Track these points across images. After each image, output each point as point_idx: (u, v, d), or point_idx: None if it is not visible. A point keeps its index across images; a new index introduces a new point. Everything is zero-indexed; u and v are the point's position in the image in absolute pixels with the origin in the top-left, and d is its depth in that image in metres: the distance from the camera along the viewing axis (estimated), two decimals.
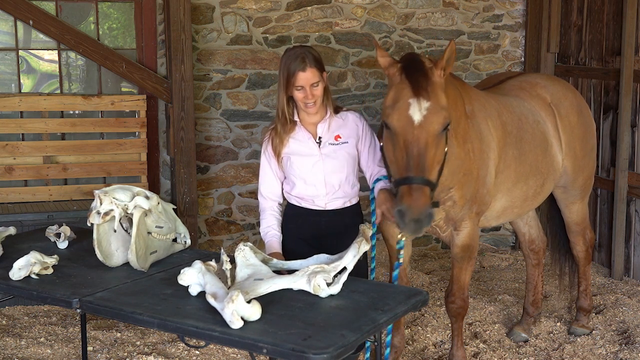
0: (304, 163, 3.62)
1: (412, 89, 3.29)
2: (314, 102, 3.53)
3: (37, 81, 6.15)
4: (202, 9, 6.23)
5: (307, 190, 3.65)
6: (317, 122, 3.64)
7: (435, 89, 3.33)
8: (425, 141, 3.26)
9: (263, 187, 3.71)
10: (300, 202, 3.70)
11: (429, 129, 3.27)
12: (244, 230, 6.58)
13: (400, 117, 3.28)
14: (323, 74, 3.56)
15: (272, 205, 3.69)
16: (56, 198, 5.95)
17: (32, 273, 3.14)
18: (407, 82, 3.31)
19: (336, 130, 3.65)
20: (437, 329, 4.99)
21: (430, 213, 3.23)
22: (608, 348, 4.72)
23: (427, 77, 3.33)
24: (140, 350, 4.63)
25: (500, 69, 7.00)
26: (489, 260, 6.66)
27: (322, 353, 2.39)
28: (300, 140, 3.63)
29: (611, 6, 6.11)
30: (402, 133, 3.28)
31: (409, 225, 3.20)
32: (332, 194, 3.65)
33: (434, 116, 3.28)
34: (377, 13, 6.67)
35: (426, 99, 3.28)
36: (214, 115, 6.39)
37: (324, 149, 3.62)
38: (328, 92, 3.65)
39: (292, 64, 3.51)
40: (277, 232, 3.63)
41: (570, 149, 4.59)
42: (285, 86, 3.54)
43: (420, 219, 3.19)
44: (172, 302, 2.85)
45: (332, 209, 3.68)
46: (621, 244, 6.03)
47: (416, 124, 3.26)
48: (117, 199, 3.22)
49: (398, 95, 3.32)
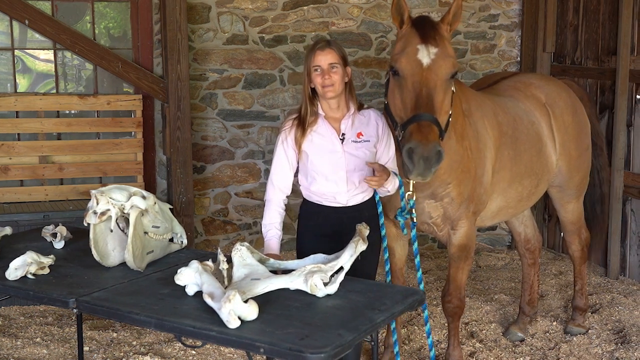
0: (326, 159, 3.59)
1: (421, 37, 3.41)
2: (332, 85, 3.50)
3: (32, 81, 6.15)
4: (198, 8, 6.22)
5: (328, 187, 3.61)
6: (341, 118, 3.62)
7: (443, 39, 3.45)
8: (434, 83, 3.35)
9: (276, 176, 3.65)
10: (321, 201, 3.65)
11: (438, 71, 3.37)
12: (240, 230, 6.57)
13: (409, 60, 3.38)
14: (347, 68, 3.57)
15: (279, 198, 3.64)
16: (52, 198, 5.94)
17: (28, 273, 3.14)
18: (415, 31, 3.44)
19: (359, 128, 3.63)
20: (433, 329, 5.00)
21: (440, 151, 3.23)
22: (604, 347, 4.73)
23: (435, 28, 3.46)
24: (137, 350, 4.62)
25: (497, 68, 7.01)
26: (485, 260, 6.67)
27: (319, 352, 2.39)
28: (323, 135, 3.60)
29: (607, 6, 6.12)
30: (410, 76, 3.37)
31: (419, 165, 3.20)
32: (353, 191, 3.63)
33: (442, 61, 3.38)
34: (374, 13, 6.67)
35: (434, 45, 3.40)
36: (210, 115, 6.39)
37: (346, 146, 3.59)
38: (352, 88, 3.65)
39: (314, 47, 3.57)
40: (279, 230, 3.61)
41: (565, 149, 4.60)
42: (307, 73, 3.55)
43: (430, 157, 3.19)
44: (169, 302, 2.84)
45: (352, 205, 3.65)
46: (617, 244, 6.04)
47: (425, 66, 3.36)
48: (114, 198, 3.22)
49: (407, 43, 3.43)
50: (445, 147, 3.57)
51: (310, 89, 3.57)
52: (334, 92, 3.52)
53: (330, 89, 3.51)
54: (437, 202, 3.84)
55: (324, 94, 3.54)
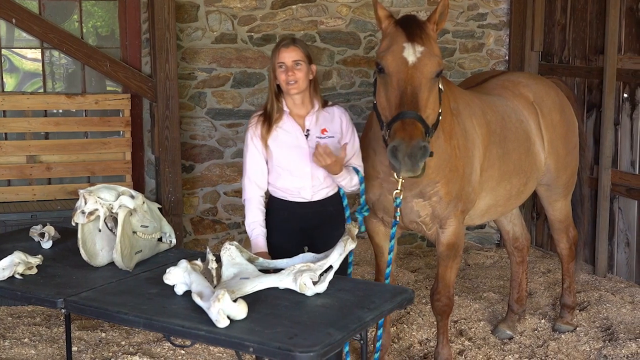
0: (291, 154, 3.62)
1: (407, 35, 3.41)
2: (296, 82, 3.54)
3: (20, 80, 6.11)
4: (186, 7, 6.21)
5: (293, 182, 3.65)
6: (305, 115, 3.66)
7: (429, 38, 3.45)
8: (419, 81, 3.35)
9: (252, 171, 3.67)
10: (286, 196, 3.69)
11: (423, 70, 3.37)
12: (229, 229, 6.56)
13: (394, 58, 3.38)
14: (312, 66, 3.61)
15: (258, 194, 3.67)
16: (40, 198, 5.91)
17: (16, 273, 3.12)
18: (401, 30, 3.44)
19: (323, 124, 3.67)
20: (422, 327, 5.01)
21: (424, 146, 3.22)
22: (592, 344, 4.76)
23: (421, 27, 3.46)
24: (126, 350, 4.61)
25: (485, 67, 7.03)
26: (474, 258, 6.69)
27: (308, 351, 2.39)
28: (288, 131, 3.64)
29: (594, 5, 6.15)
30: (395, 73, 3.37)
31: (404, 163, 3.20)
32: (318, 186, 3.66)
33: (428, 59, 3.38)
34: (362, 12, 6.68)
35: (420, 44, 3.40)
36: (199, 114, 6.37)
37: (311, 142, 3.63)
38: (317, 85, 3.68)
39: (279, 45, 3.60)
40: (263, 228, 3.63)
41: (553, 147, 4.62)
42: (272, 70, 3.59)
43: (414, 153, 3.18)
44: (157, 302, 2.84)
45: (317, 200, 3.69)
46: (605, 242, 6.08)
47: (410, 64, 3.36)
48: (102, 198, 3.20)
49: (393, 41, 3.44)
50: (434, 146, 3.59)
51: (275, 85, 3.62)
52: (297, 88, 3.56)
53: (294, 86, 3.55)
54: (425, 200, 3.85)
55: (288, 91, 3.58)
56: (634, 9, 5.75)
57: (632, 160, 5.85)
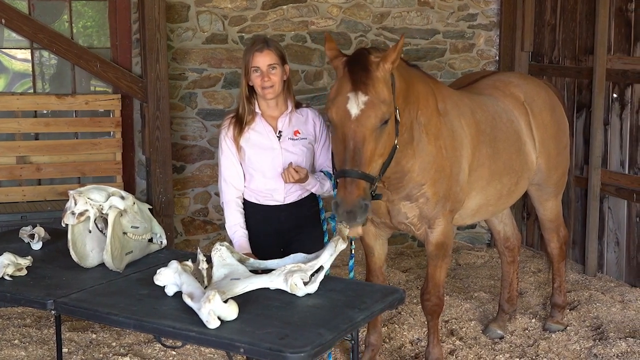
0: (263, 156, 3.63)
1: (352, 83, 3.31)
2: (271, 86, 3.53)
3: (9, 80, 6.08)
4: (177, 7, 6.20)
5: (266, 184, 3.66)
6: (278, 116, 3.67)
7: (376, 83, 3.32)
8: (362, 135, 3.27)
9: (227, 174, 3.67)
10: (259, 200, 3.70)
11: (366, 123, 3.28)
12: (220, 229, 6.55)
13: (338, 110, 3.31)
14: (285, 66, 3.59)
15: (236, 196, 3.68)
16: (30, 198, 5.88)
17: (5, 274, 3.10)
18: (348, 75, 3.34)
19: (296, 126, 3.68)
20: (413, 327, 5.02)
21: (364, 205, 3.24)
22: (582, 344, 4.78)
23: (368, 71, 3.34)
24: (116, 352, 4.60)
25: (475, 67, 7.04)
26: (464, 258, 6.70)
27: (299, 352, 2.39)
28: (260, 133, 3.64)
29: (584, 5, 6.17)
30: (340, 127, 3.31)
31: (343, 216, 3.23)
32: (291, 188, 3.67)
33: (371, 110, 3.28)
34: (353, 12, 6.68)
35: (364, 92, 3.29)
36: (190, 115, 6.36)
37: (283, 143, 3.64)
38: (290, 86, 3.68)
39: (252, 47, 3.57)
40: (245, 229, 3.65)
41: (544, 147, 4.64)
42: (245, 72, 3.57)
43: (353, 211, 3.21)
44: (148, 303, 2.83)
45: (290, 202, 3.70)
46: (594, 241, 6.10)
47: (353, 117, 3.28)
48: (92, 199, 3.19)
49: (339, 89, 3.35)
50: (417, 148, 3.67)
51: (247, 87, 3.60)
52: (273, 93, 3.56)
53: (270, 90, 3.55)
54: (412, 202, 3.86)
55: (264, 95, 3.58)
56: (623, 9, 5.78)
57: (621, 160, 5.88)
